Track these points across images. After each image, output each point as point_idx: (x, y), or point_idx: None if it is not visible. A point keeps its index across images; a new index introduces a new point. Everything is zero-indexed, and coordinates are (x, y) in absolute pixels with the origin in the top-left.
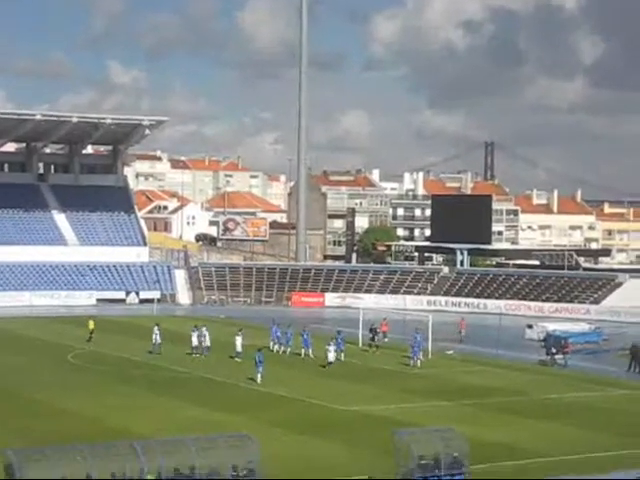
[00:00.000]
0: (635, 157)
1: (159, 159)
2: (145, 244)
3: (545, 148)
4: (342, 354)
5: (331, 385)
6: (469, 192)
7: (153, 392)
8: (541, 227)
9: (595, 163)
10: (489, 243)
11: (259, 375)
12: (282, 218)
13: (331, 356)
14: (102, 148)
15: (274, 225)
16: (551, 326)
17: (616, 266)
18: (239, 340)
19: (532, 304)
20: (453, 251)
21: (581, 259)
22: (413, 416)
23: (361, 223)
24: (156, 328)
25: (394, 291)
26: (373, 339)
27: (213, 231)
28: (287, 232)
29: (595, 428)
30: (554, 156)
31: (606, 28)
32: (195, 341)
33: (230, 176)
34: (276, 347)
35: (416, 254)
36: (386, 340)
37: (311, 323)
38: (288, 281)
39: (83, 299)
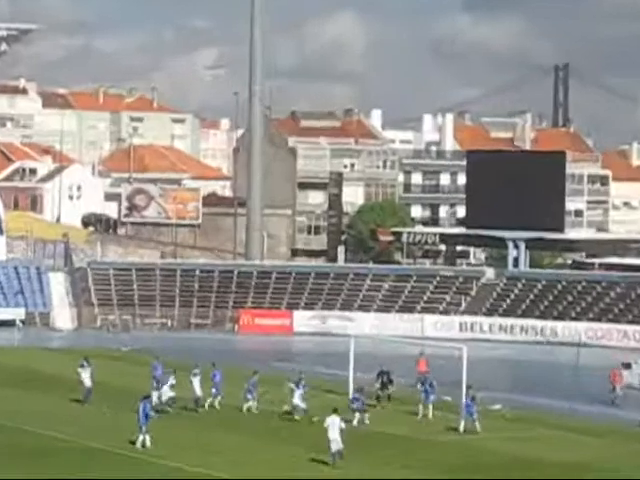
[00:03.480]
0: None
1: (23, 92)
2: (1, 232)
3: None
4: (302, 403)
5: (306, 458)
6: (528, 146)
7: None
8: None
9: None
10: (561, 230)
11: (146, 437)
12: (224, 189)
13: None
14: None
15: (211, 200)
16: None
17: None
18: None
19: (630, 328)
20: (503, 243)
21: None
22: None
23: (352, 197)
24: (84, 366)
25: (406, 308)
26: (384, 388)
27: (112, 210)
28: (232, 212)
29: None
30: None
31: None
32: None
33: (140, 120)
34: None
35: (442, 248)
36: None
37: (270, 359)
38: (234, 292)
39: None
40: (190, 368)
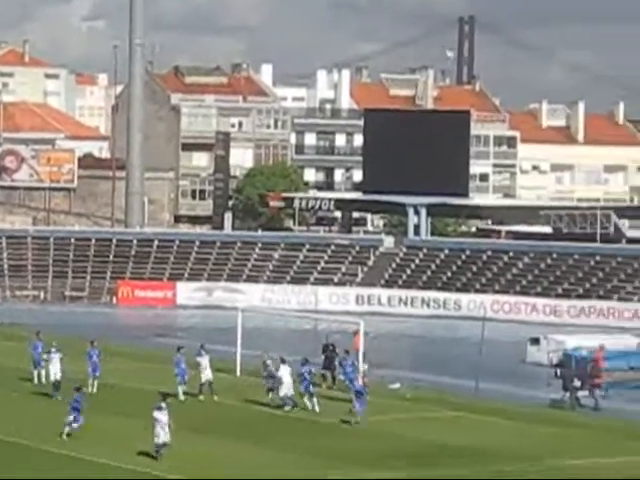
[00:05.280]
0: None
1: None
2: None
3: (565, 29)
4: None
5: (188, 445)
6: (430, 105)
7: None
8: (556, 167)
9: None
10: (465, 195)
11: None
12: (102, 150)
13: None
14: None
15: (88, 162)
16: (572, 341)
17: None
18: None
19: (540, 301)
20: (403, 209)
21: (624, 223)
22: None
23: (240, 159)
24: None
25: (298, 279)
26: (329, 366)
27: None
28: (110, 175)
29: None
30: (580, 43)
31: None
32: None
33: (10, 75)
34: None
35: (338, 214)
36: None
37: (151, 334)
38: (112, 261)
39: None
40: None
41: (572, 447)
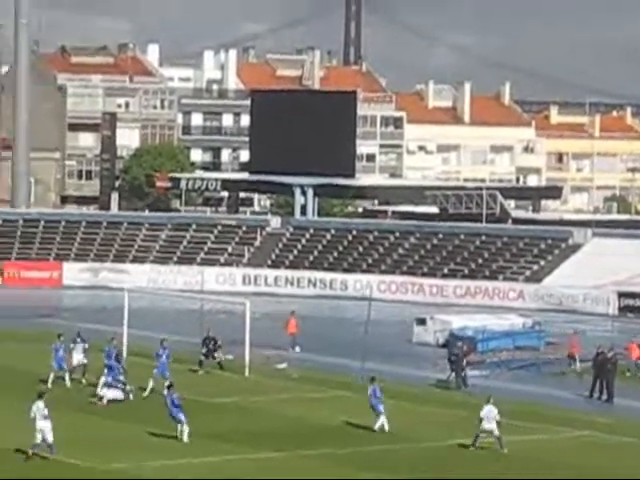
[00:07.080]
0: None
1: None
2: None
3: (451, 11)
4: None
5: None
6: (317, 86)
7: None
8: (442, 148)
9: (534, 37)
10: (352, 176)
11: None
12: None
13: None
14: None
15: None
16: (458, 321)
17: (570, 216)
18: None
19: (426, 282)
20: (289, 189)
21: (510, 204)
22: None
23: (127, 139)
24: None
25: (185, 260)
26: (209, 353)
27: None
28: None
29: None
30: (466, 25)
31: None
32: None
33: None
34: None
35: (225, 194)
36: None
37: (35, 315)
38: None
39: None
40: None
41: (456, 427)
